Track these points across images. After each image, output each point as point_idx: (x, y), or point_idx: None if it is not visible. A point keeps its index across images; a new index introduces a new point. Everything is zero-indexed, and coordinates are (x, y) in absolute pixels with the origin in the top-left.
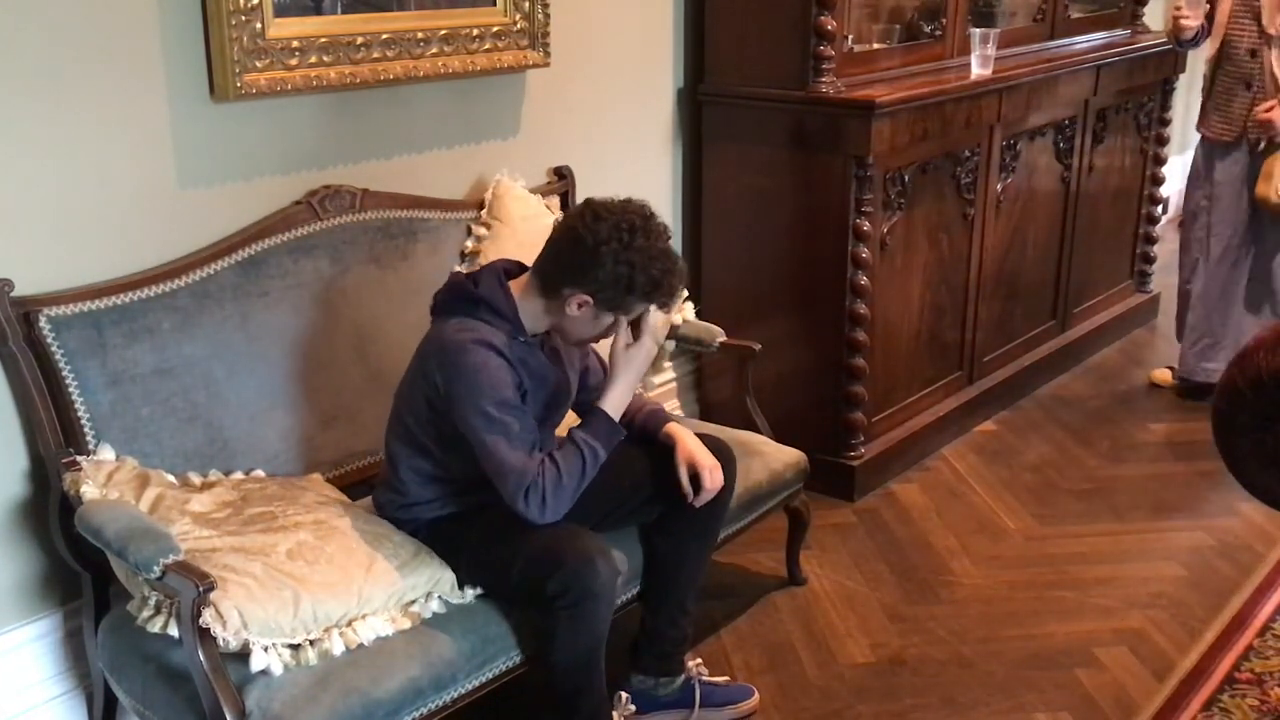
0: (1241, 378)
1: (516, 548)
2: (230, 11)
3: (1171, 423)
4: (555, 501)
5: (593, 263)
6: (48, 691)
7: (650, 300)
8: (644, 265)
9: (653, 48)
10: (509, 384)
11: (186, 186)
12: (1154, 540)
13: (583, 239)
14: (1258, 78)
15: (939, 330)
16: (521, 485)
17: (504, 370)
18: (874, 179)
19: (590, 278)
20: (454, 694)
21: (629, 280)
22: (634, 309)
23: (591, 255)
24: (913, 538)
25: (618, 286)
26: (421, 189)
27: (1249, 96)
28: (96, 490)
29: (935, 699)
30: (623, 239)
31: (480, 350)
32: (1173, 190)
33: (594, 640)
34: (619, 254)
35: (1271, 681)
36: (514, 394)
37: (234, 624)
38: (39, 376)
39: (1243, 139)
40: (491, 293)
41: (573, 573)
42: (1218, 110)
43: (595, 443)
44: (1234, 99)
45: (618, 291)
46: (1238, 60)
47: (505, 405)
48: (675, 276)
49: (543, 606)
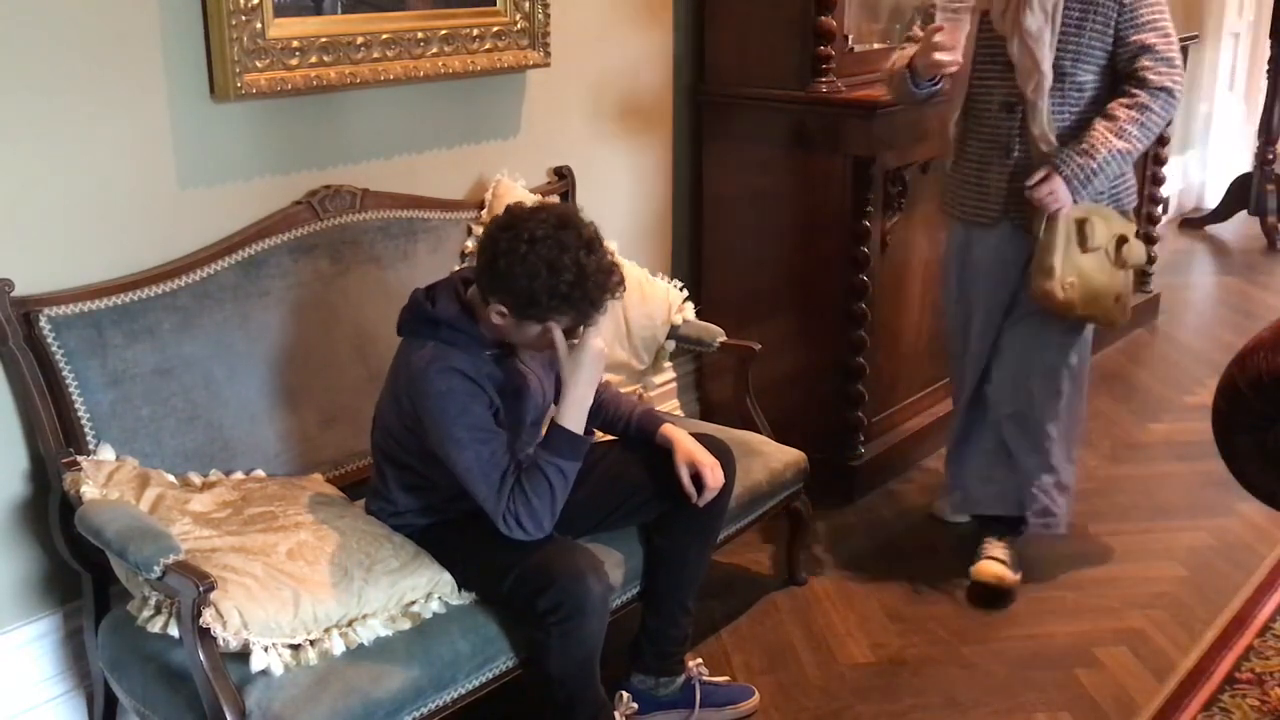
0: (1241, 378)
1: (509, 561)
2: (230, 11)
3: (1171, 423)
4: (533, 523)
5: (501, 272)
6: (48, 691)
7: (564, 311)
8: (548, 276)
9: (652, 48)
10: (477, 409)
11: (187, 186)
12: (1154, 540)
13: (489, 248)
14: (1018, 140)
15: (939, 330)
16: (497, 513)
17: (470, 396)
18: (874, 179)
19: (501, 287)
20: (454, 694)
21: (530, 291)
22: (556, 318)
23: (500, 264)
24: (913, 538)
25: (524, 296)
26: (421, 189)
27: (1009, 166)
28: (97, 490)
29: (935, 699)
30: (521, 249)
31: (445, 377)
32: (1173, 190)
33: (587, 652)
34: (522, 263)
35: (1271, 681)
36: (484, 417)
37: (234, 624)
38: (39, 376)
39: (1004, 219)
40: (448, 312)
41: (564, 590)
42: (968, 185)
43: (557, 459)
44: (989, 170)
45: (527, 301)
46: (988, 119)
47: (475, 430)
48: (590, 287)
49: (534, 621)
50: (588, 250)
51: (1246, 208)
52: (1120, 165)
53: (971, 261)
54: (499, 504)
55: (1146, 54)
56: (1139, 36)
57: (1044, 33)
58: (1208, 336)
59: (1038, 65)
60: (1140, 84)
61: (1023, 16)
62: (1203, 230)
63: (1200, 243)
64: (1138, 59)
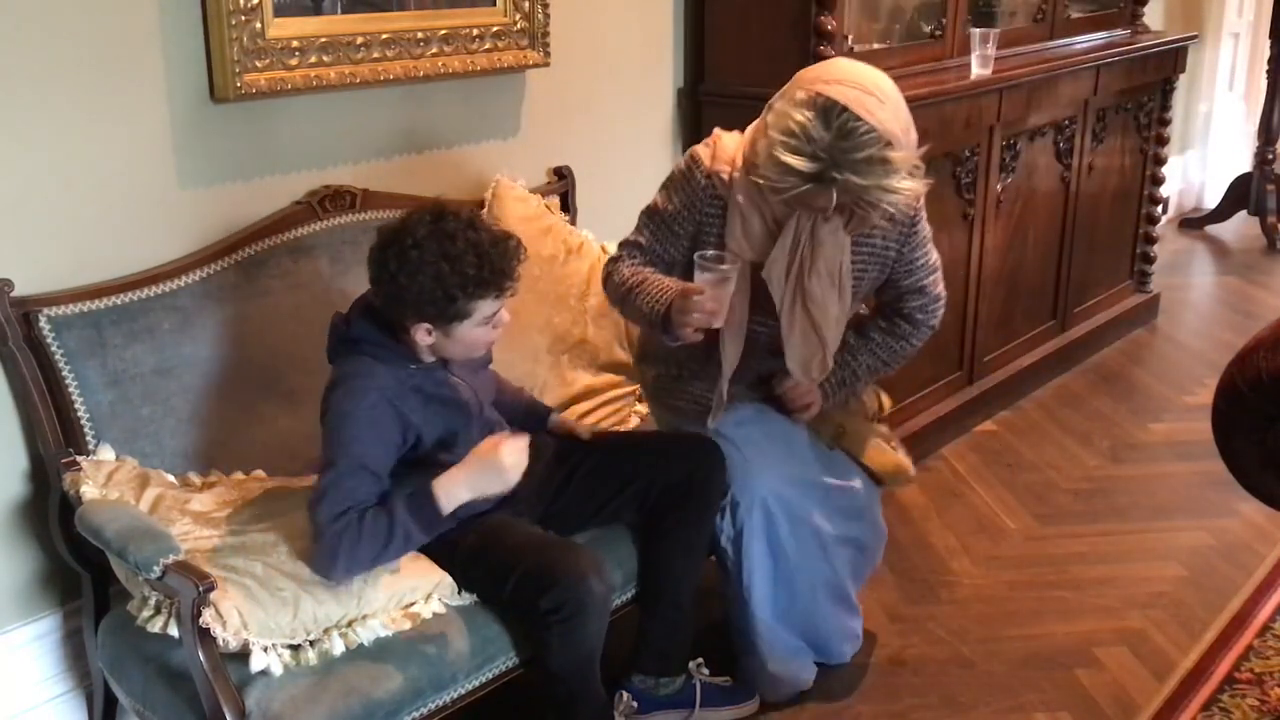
0: (1241, 378)
1: (509, 562)
2: (230, 11)
3: (1171, 423)
4: (345, 564)
5: (405, 288)
6: (48, 691)
7: (482, 293)
8: (451, 268)
9: (653, 48)
10: (369, 438)
11: (186, 186)
12: (1154, 540)
13: (382, 274)
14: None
15: (939, 330)
16: (321, 538)
17: (370, 425)
18: None
19: (413, 305)
20: (454, 694)
21: (441, 292)
22: (478, 306)
23: (400, 282)
24: (913, 538)
25: (439, 300)
26: (421, 189)
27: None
28: (96, 490)
29: (935, 699)
30: (413, 257)
31: (351, 399)
32: (1172, 190)
33: (588, 651)
34: (420, 270)
35: (1271, 681)
36: (373, 452)
37: (234, 624)
38: (39, 376)
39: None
40: (362, 331)
41: (567, 590)
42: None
43: (412, 524)
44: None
45: (445, 301)
46: (752, 359)
47: (354, 461)
48: (495, 258)
49: (536, 620)
50: (473, 228)
51: (1246, 208)
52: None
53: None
54: (326, 531)
55: (918, 295)
56: (912, 280)
57: (829, 301)
58: (1208, 336)
59: (820, 335)
60: (908, 320)
61: (809, 282)
62: (1202, 230)
63: (1200, 243)
64: (906, 300)
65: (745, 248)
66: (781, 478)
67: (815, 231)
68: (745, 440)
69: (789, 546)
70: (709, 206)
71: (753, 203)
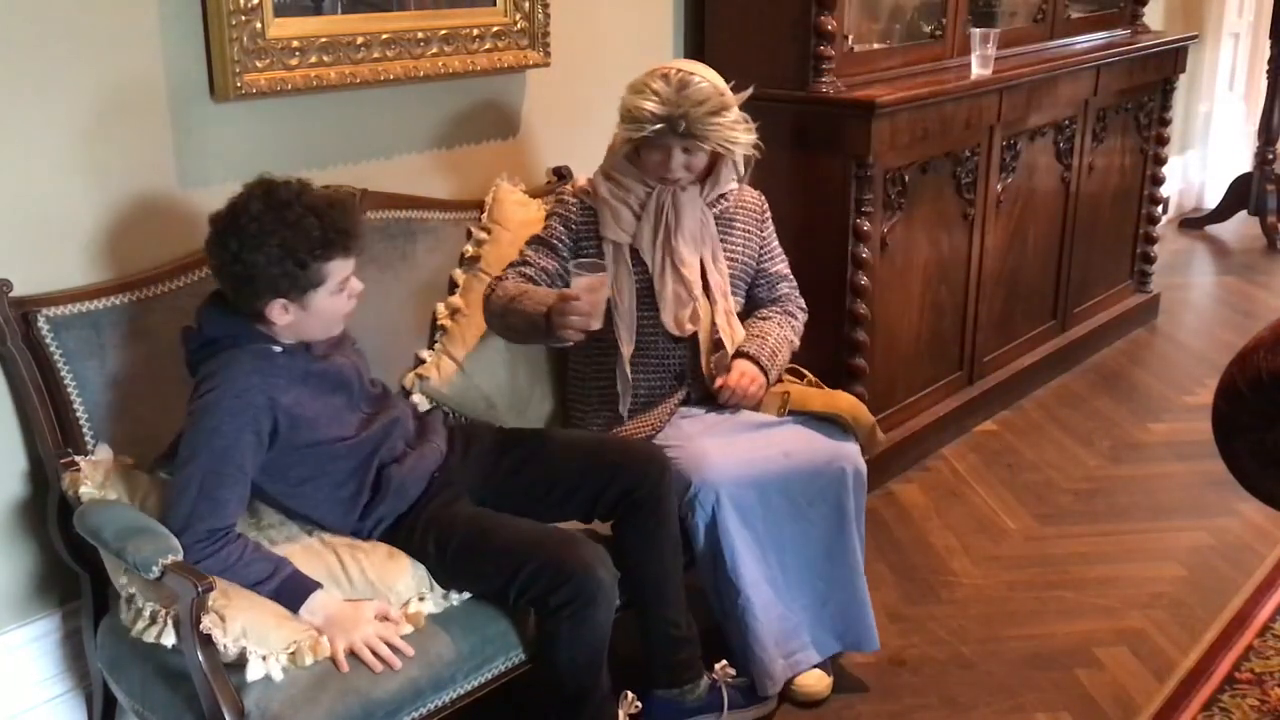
0: (1241, 378)
1: (513, 558)
2: (230, 11)
3: (1171, 423)
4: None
5: (252, 264)
6: (47, 691)
7: (330, 254)
8: (293, 234)
9: (653, 48)
10: (229, 430)
11: (187, 186)
12: (1154, 540)
13: (225, 261)
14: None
15: (939, 330)
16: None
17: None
18: (874, 179)
19: (265, 281)
20: (453, 694)
21: (292, 261)
22: (329, 269)
23: (246, 260)
24: (913, 538)
25: (290, 270)
26: (421, 189)
27: (683, 392)
28: (95, 490)
29: (935, 699)
30: (253, 230)
31: (219, 388)
32: (1172, 190)
33: (598, 643)
34: (264, 243)
35: (1271, 681)
36: (234, 447)
37: (234, 630)
38: (37, 377)
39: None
40: (217, 328)
41: (579, 584)
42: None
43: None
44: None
45: (297, 269)
46: (656, 351)
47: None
48: (335, 216)
49: (547, 615)
50: (305, 193)
51: (1246, 208)
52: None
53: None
54: (187, 523)
55: (785, 282)
56: (778, 268)
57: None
58: (1208, 336)
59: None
60: (789, 300)
61: (675, 242)
62: (1202, 230)
63: (1200, 243)
64: (778, 286)
65: (621, 234)
66: (734, 461)
67: (676, 200)
68: (688, 438)
69: (761, 514)
70: (581, 217)
71: (617, 196)
